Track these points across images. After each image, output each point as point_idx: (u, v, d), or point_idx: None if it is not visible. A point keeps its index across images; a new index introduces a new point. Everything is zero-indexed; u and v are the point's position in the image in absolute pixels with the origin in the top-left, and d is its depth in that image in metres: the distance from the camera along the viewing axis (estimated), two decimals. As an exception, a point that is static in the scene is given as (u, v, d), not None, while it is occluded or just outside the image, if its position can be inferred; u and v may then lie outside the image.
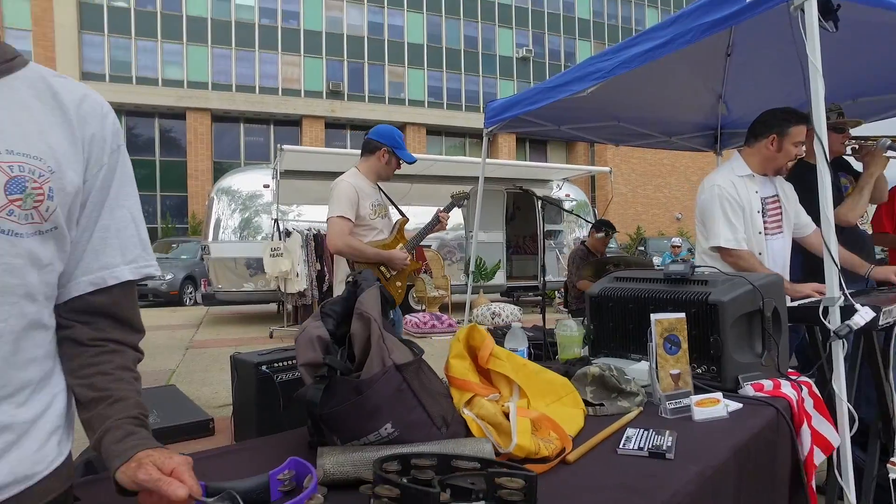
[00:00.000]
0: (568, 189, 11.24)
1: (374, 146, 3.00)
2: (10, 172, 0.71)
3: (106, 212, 0.84)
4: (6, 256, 0.71)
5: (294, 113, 24.93)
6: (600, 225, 4.89)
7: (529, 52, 28.96)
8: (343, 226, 2.82)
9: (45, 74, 0.81)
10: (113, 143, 0.85)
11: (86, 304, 0.84)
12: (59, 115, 0.79)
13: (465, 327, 1.44)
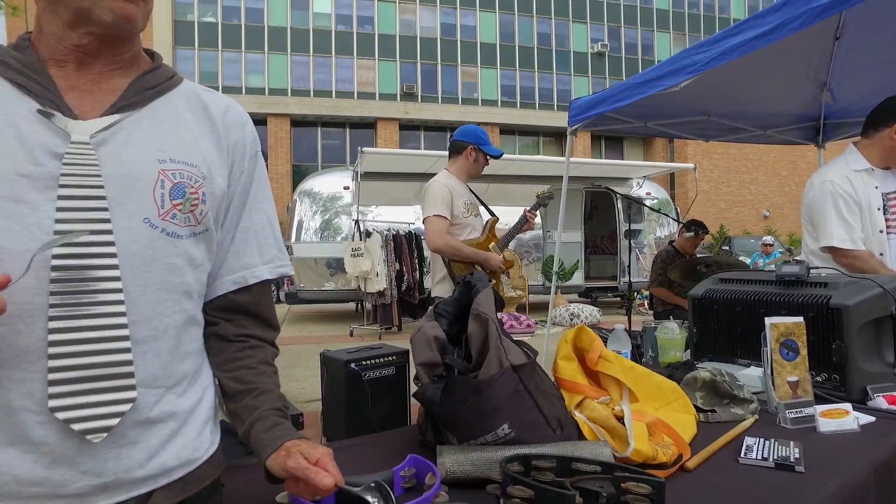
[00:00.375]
0: (648, 187, 10.86)
1: (460, 146, 3.06)
2: (174, 179, 0.78)
3: (246, 214, 0.91)
4: (170, 256, 0.77)
5: (369, 116, 25.55)
6: (691, 225, 4.68)
7: (605, 47, 28.18)
8: (440, 224, 2.89)
9: (196, 90, 0.89)
10: (252, 149, 0.91)
11: (229, 302, 0.91)
12: (208, 126, 0.86)
13: (572, 329, 1.43)
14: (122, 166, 0.74)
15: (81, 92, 0.75)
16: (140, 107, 0.78)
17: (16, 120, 0.70)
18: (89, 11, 0.72)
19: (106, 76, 0.78)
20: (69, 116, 0.72)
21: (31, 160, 0.69)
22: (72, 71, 0.76)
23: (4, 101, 0.71)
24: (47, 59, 0.75)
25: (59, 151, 0.70)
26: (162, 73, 0.84)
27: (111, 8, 0.72)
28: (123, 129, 0.75)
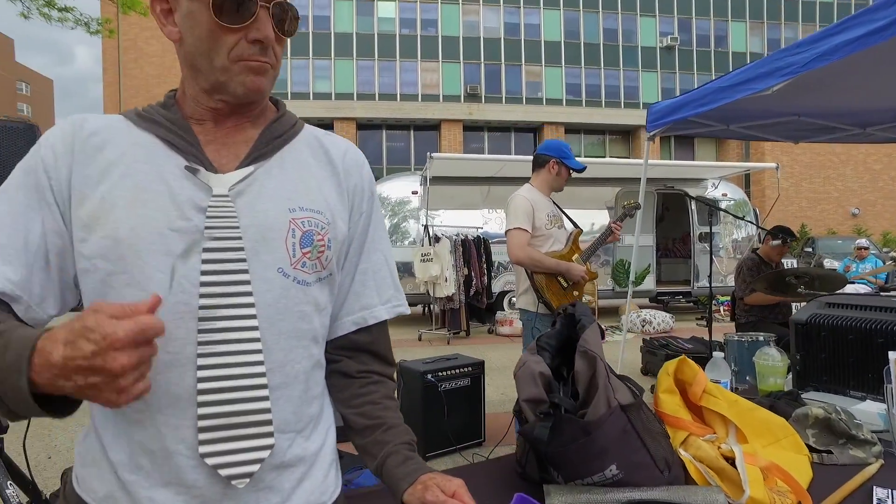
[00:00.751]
0: (725, 188, 10.37)
1: (543, 160, 3.13)
2: (303, 227, 0.81)
3: (364, 255, 0.94)
4: (300, 304, 0.81)
5: (433, 118, 25.78)
6: (777, 231, 4.42)
7: (675, 41, 27.14)
8: (521, 237, 2.95)
9: (316, 134, 0.93)
10: (369, 190, 0.95)
11: (350, 341, 0.94)
12: (329, 170, 0.89)
13: (673, 360, 1.39)
14: (256, 217, 0.78)
15: (218, 145, 0.82)
16: (270, 156, 0.83)
17: (166, 176, 0.76)
18: (225, 84, 0.78)
19: (239, 129, 0.84)
20: (210, 170, 0.78)
21: (181, 215, 0.75)
22: (210, 127, 0.82)
23: (156, 158, 0.78)
24: (189, 117, 0.82)
25: (202, 205, 0.76)
26: (287, 120, 0.89)
27: (243, 82, 0.78)
28: (257, 180, 0.80)
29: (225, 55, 0.76)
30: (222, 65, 0.77)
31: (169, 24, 0.79)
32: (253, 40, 0.76)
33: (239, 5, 0.74)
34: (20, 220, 0.74)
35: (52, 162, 0.76)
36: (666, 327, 8.66)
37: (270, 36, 0.77)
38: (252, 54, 0.77)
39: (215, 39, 0.76)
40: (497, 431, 3.85)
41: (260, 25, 0.76)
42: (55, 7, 9.34)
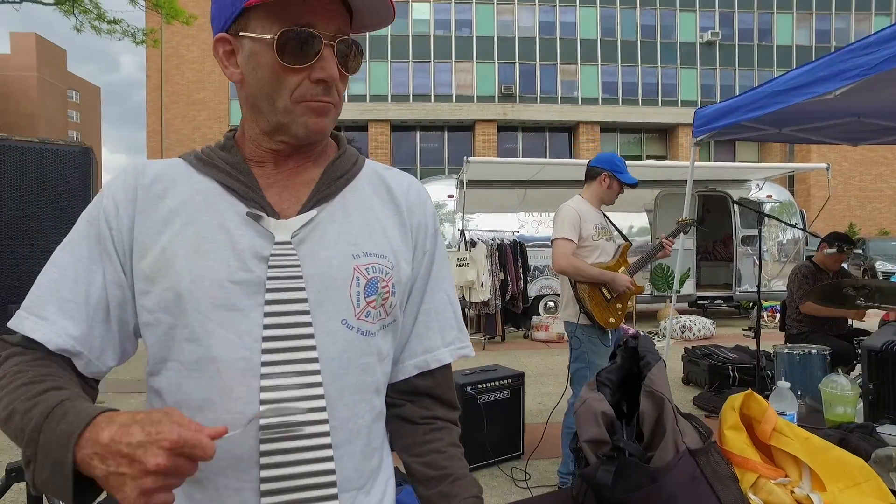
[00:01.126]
0: (770, 189, 10.01)
1: (595, 172, 3.11)
2: (367, 275, 0.78)
3: (427, 295, 0.89)
4: (364, 356, 0.78)
5: (467, 118, 25.74)
6: (833, 239, 4.22)
7: (716, 35, 26.42)
8: (566, 247, 2.95)
9: (377, 169, 0.90)
10: (433, 227, 0.90)
11: (411, 385, 0.90)
12: (392, 209, 0.86)
13: (738, 394, 1.31)
14: (320, 266, 0.75)
15: (279, 187, 0.79)
16: (332, 197, 0.80)
17: (227, 224, 0.74)
18: (287, 126, 0.76)
19: (300, 170, 0.81)
20: (272, 216, 0.76)
21: (242, 266, 0.72)
22: (270, 169, 0.80)
23: (216, 204, 0.76)
24: (249, 159, 0.80)
25: (264, 254, 0.73)
26: (348, 157, 0.86)
27: (306, 124, 0.75)
28: (319, 225, 0.78)
29: (287, 96, 0.74)
30: (284, 106, 0.74)
31: (231, 66, 0.77)
32: (316, 80, 0.74)
33: (303, 44, 0.72)
34: (82, 274, 0.73)
35: (113, 212, 0.75)
36: (707, 333, 8.42)
37: (335, 75, 0.75)
38: (315, 94, 0.74)
39: (278, 80, 0.73)
40: (534, 442, 3.79)
41: (324, 64, 0.73)
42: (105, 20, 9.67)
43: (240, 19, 0.74)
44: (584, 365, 2.99)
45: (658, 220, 9.57)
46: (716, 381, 5.03)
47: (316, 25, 0.72)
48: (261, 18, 0.72)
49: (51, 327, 0.71)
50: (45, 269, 0.75)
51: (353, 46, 0.77)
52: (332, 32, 0.74)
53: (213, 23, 0.79)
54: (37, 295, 0.73)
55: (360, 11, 0.77)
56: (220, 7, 0.76)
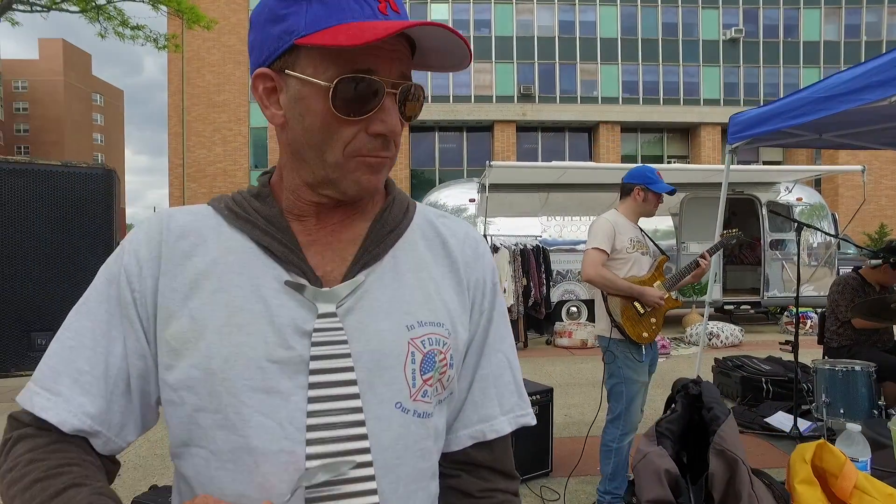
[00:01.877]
0: (800, 191, 9.74)
1: (628, 188, 3.08)
2: (423, 349, 0.68)
3: (484, 359, 0.79)
4: (421, 441, 0.68)
5: (486, 119, 25.60)
6: (880, 253, 4.00)
7: (739, 32, 25.91)
8: (597, 257, 2.90)
9: (430, 218, 0.80)
10: (491, 282, 0.80)
11: (467, 456, 0.80)
12: (448, 265, 0.76)
13: (809, 444, 1.20)
14: (370, 341, 0.66)
15: (322, 246, 0.70)
16: (381, 257, 0.71)
17: (263, 291, 0.65)
18: (335, 182, 0.66)
19: (346, 224, 0.72)
20: (315, 283, 0.66)
21: (282, 342, 0.63)
22: (312, 224, 0.70)
23: (252, 269, 0.66)
24: (287, 211, 0.70)
25: (306, 329, 0.64)
26: (398, 207, 0.76)
27: (358, 181, 0.66)
28: (368, 292, 0.68)
29: (340, 150, 0.64)
30: (335, 160, 0.65)
31: (272, 107, 0.67)
32: (375, 134, 0.64)
33: (362, 93, 0.62)
34: (101, 342, 0.65)
35: (135, 271, 0.66)
36: (735, 341, 8.21)
37: (397, 129, 0.65)
38: (372, 149, 0.65)
39: (330, 132, 0.63)
40: (563, 458, 3.68)
41: (385, 116, 0.64)
42: (128, 26, 9.76)
43: (287, 55, 0.63)
44: (619, 380, 2.91)
45: (684, 225, 9.37)
46: (748, 394, 4.86)
47: (377, 70, 0.62)
48: (313, 57, 0.62)
49: (65, 405, 0.63)
50: (59, 335, 0.67)
51: (416, 93, 0.67)
52: (394, 78, 0.64)
53: (253, 53, 0.67)
54: (49, 366, 0.65)
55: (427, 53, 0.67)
56: (262, 38, 0.65)
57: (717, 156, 25.24)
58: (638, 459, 1.02)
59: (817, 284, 9.41)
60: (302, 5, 0.61)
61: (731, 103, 26.04)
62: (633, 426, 2.92)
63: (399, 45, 0.64)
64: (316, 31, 0.60)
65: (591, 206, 8.93)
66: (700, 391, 1.09)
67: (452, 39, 0.62)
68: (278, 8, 0.63)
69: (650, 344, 2.98)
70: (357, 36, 0.58)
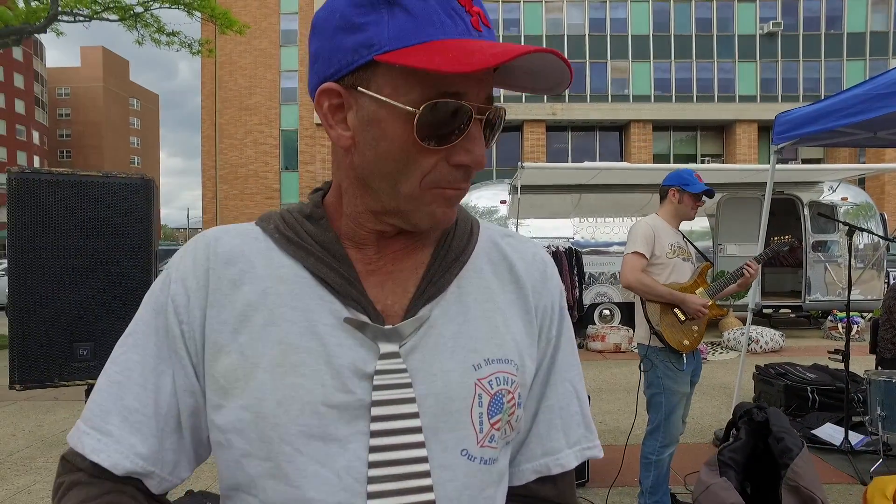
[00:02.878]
0: (845, 190, 9.37)
1: (664, 191, 3.02)
2: (491, 390, 0.62)
3: (550, 388, 0.73)
4: (486, 488, 0.63)
5: (515, 119, 25.43)
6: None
7: (777, 26, 25.16)
8: (636, 262, 2.83)
9: (495, 237, 0.73)
10: (559, 307, 0.74)
11: (529, 491, 0.74)
12: (515, 292, 0.70)
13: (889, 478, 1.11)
14: (435, 383, 0.60)
15: (382, 276, 0.64)
16: (445, 288, 0.65)
17: (318, 328, 0.59)
18: (406, 214, 0.60)
19: (407, 252, 0.66)
20: (376, 320, 0.60)
21: (340, 386, 0.58)
22: (371, 253, 0.65)
23: (306, 301, 0.61)
24: (344, 236, 0.65)
25: (367, 371, 0.59)
26: (462, 230, 0.70)
27: (433, 214, 0.60)
28: (433, 328, 0.62)
29: (417, 181, 0.57)
30: (410, 192, 0.58)
31: (338, 126, 0.59)
32: (458, 164, 0.57)
33: (450, 120, 0.55)
34: (150, 377, 0.61)
35: (183, 302, 0.62)
36: (775, 346, 7.93)
37: (482, 159, 0.57)
38: (453, 181, 0.58)
39: (408, 161, 0.56)
40: (600, 468, 3.58)
41: (471, 146, 0.56)
42: (164, 32, 9.99)
43: (362, 70, 0.55)
44: (658, 391, 2.80)
45: (720, 226, 9.11)
46: (793, 404, 4.67)
47: (466, 94, 0.55)
48: (393, 76, 0.54)
49: (116, 446, 0.59)
50: (107, 369, 0.63)
51: (502, 115, 0.60)
52: (481, 102, 0.56)
53: (317, 63, 0.59)
54: (97, 403, 0.61)
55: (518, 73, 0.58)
56: (332, 49, 0.57)
57: (754, 154, 24.58)
58: (700, 491, 0.95)
59: (864, 288, 9.04)
60: (383, 14, 0.54)
61: (768, 99, 25.33)
62: (674, 438, 2.80)
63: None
64: (403, 48, 0.53)
65: (625, 206, 8.74)
66: (766, 417, 1.01)
67: (555, 63, 0.55)
68: (354, 15, 0.55)
69: (692, 352, 2.87)
70: (461, 61, 0.50)
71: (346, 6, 0.56)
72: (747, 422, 1.06)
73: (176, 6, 9.79)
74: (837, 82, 25.39)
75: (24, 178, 1.59)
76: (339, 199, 0.65)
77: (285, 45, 27.35)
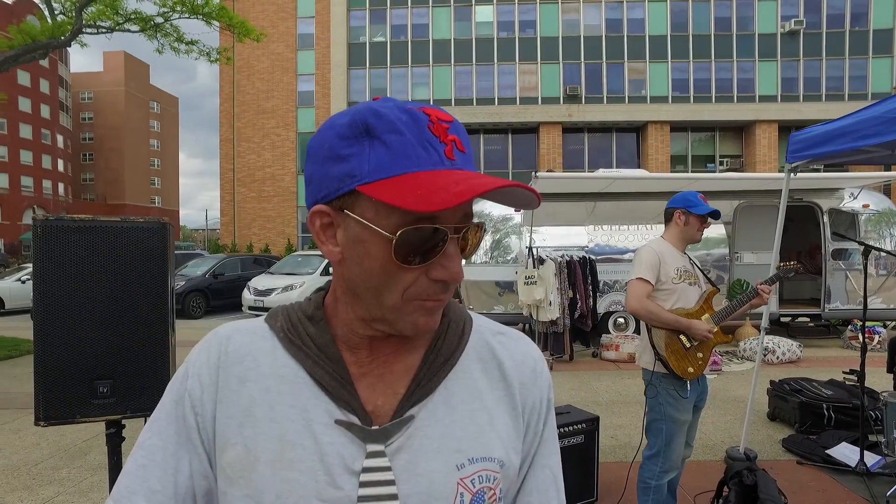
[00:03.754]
0: (866, 197, 9.21)
1: (669, 213, 2.97)
2: (472, 488, 0.67)
3: (531, 474, 0.78)
4: None
5: (531, 121, 25.39)
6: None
7: (800, 24, 24.72)
8: (641, 288, 2.79)
9: (486, 337, 0.78)
10: (546, 402, 0.79)
11: None
12: (503, 390, 0.74)
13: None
14: (419, 483, 0.65)
15: (374, 378, 0.69)
16: (434, 389, 0.70)
17: (313, 427, 0.65)
18: (392, 322, 0.65)
19: (398, 355, 0.71)
20: (364, 421, 0.66)
21: (331, 482, 0.63)
22: (364, 356, 0.70)
23: (303, 400, 0.67)
24: (340, 339, 0.70)
25: (355, 468, 0.64)
26: (454, 331, 0.74)
27: (415, 324, 0.65)
28: (419, 429, 0.68)
29: (399, 294, 0.63)
30: (394, 304, 0.63)
31: (328, 243, 0.65)
32: (436, 280, 0.62)
33: (426, 243, 0.60)
34: (170, 461, 0.68)
35: (198, 395, 0.69)
36: (792, 357, 7.80)
37: (459, 275, 0.62)
38: (432, 294, 0.63)
39: (389, 277, 0.62)
40: (610, 485, 3.60)
41: (447, 262, 0.62)
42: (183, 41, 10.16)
43: (347, 196, 0.62)
44: (660, 417, 2.78)
45: (737, 233, 9.02)
46: (808, 421, 4.61)
47: (440, 217, 0.60)
48: (374, 203, 0.60)
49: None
50: (134, 454, 0.70)
51: (478, 231, 0.65)
52: (457, 222, 0.62)
53: (310, 185, 0.66)
54: (125, 485, 0.68)
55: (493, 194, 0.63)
56: (322, 175, 0.63)
57: (774, 154, 24.23)
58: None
59: (886, 296, 8.87)
60: (365, 147, 0.59)
61: (790, 99, 24.94)
62: (675, 464, 2.79)
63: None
64: (380, 180, 0.59)
65: (641, 214, 8.69)
66: (756, 481, 1.04)
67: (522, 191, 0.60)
68: (339, 147, 0.61)
69: (697, 378, 2.85)
70: (425, 200, 0.55)
71: (333, 138, 0.62)
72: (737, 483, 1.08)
73: (195, 16, 9.96)
74: (862, 80, 24.91)
75: (49, 224, 1.66)
76: (335, 302, 0.71)
77: (302, 48, 27.58)
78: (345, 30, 26.58)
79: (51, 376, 1.68)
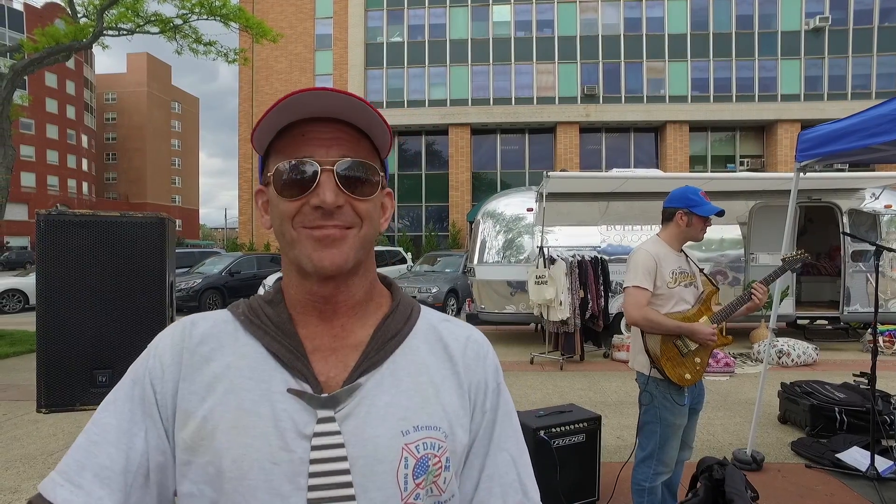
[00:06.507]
0: (889, 198, 9.00)
1: (669, 213, 2.81)
2: (417, 454, 0.71)
3: (489, 459, 0.81)
4: None
5: (548, 120, 25.28)
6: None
7: (825, 21, 24.25)
8: (639, 297, 2.67)
9: (433, 322, 0.83)
10: (494, 382, 0.83)
11: None
12: (448, 368, 0.79)
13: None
14: (366, 447, 0.70)
15: (326, 352, 0.75)
16: (381, 363, 0.75)
17: (270, 395, 0.70)
18: (297, 260, 0.73)
19: (348, 331, 0.77)
20: (316, 390, 0.71)
21: (283, 445, 0.68)
22: (315, 329, 0.76)
23: (261, 373, 0.72)
24: (292, 308, 0.77)
25: (306, 432, 0.69)
26: (401, 313, 0.80)
27: (310, 257, 0.72)
28: (366, 398, 0.72)
29: (289, 225, 0.72)
30: (291, 236, 0.72)
31: (266, 215, 0.77)
32: (313, 206, 0.71)
33: (299, 174, 0.71)
34: (123, 437, 0.71)
35: (159, 374, 0.73)
36: (808, 360, 7.63)
37: (328, 200, 0.70)
38: (312, 220, 0.71)
39: (281, 211, 0.73)
40: (612, 485, 3.58)
41: (319, 190, 0.71)
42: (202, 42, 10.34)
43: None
44: (654, 420, 2.70)
45: (753, 234, 8.88)
46: (819, 424, 4.53)
47: (314, 155, 0.72)
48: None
49: (86, 498, 0.68)
50: (87, 429, 0.73)
51: (359, 170, 0.73)
52: (332, 158, 0.72)
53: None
54: (74, 458, 0.71)
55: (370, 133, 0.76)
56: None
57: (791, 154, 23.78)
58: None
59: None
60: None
61: (813, 98, 24.49)
62: (669, 466, 2.71)
63: (339, 132, 0.73)
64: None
65: (654, 214, 8.57)
66: (724, 476, 1.04)
67: (349, 101, 0.70)
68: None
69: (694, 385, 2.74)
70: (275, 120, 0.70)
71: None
72: (707, 478, 1.09)
73: (213, 17, 10.11)
74: (891, 78, 24.36)
75: (51, 219, 1.72)
76: (288, 282, 0.78)
77: (320, 48, 27.83)
78: (362, 30, 26.74)
79: (52, 365, 1.75)
